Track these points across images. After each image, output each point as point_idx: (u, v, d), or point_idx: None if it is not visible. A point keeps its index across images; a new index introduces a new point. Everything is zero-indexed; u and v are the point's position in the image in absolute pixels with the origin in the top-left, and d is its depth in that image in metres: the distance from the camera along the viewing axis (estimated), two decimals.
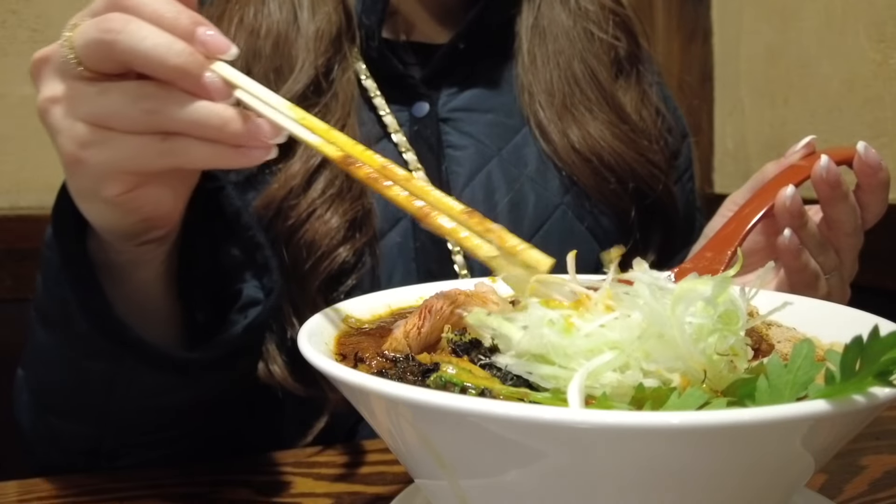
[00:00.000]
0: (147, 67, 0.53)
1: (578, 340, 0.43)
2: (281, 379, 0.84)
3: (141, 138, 0.55)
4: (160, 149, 0.55)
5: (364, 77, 0.93)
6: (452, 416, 0.37)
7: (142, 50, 0.53)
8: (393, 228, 0.89)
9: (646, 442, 0.35)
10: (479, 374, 0.45)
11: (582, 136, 0.94)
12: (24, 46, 1.60)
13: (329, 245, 0.83)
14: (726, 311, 0.44)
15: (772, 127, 1.92)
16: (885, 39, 1.60)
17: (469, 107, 0.97)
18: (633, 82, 1.02)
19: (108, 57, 0.54)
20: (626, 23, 1.03)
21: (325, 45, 0.89)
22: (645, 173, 0.96)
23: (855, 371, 0.36)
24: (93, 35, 0.53)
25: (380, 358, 0.50)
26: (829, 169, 0.70)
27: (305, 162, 0.85)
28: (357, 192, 0.86)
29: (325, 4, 0.90)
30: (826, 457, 0.43)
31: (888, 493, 0.68)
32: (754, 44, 1.98)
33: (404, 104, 0.94)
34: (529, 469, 0.38)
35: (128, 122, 0.55)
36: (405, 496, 0.60)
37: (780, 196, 0.70)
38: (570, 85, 0.96)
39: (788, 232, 0.71)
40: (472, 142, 0.95)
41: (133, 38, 0.53)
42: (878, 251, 0.84)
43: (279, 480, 0.72)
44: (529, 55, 0.98)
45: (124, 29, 0.53)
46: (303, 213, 0.84)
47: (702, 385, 0.42)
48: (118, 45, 0.53)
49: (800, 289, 0.73)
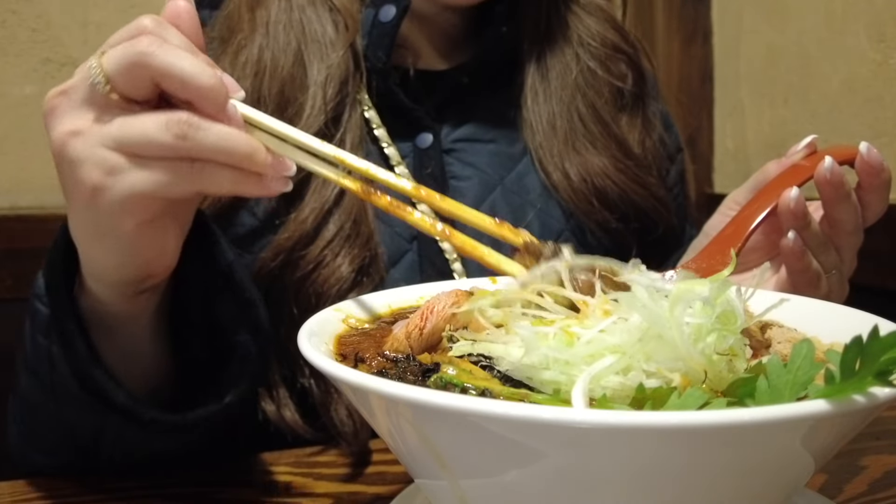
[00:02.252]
0: (181, 86, 0.54)
1: (579, 348, 0.43)
2: (292, 423, 0.84)
3: (171, 162, 0.55)
4: (188, 173, 0.56)
5: (367, 108, 0.91)
6: (452, 416, 0.37)
7: (178, 68, 0.54)
8: (396, 265, 0.89)
9: (646, 442, 0.35)
10: (479, 375, 0.45)
11: (582, 173, 0.94)
12: (24, 46, 1.60)
13: (338, 292, 0.82)
14: (724, 312, 0.45)
15: (772, 127, 1.92)
16: (885, 39, 1.60)
17: (472, 137, 0.96)
18: (637, 115, 1.01)
19: (143, 76, 0.54)
20: (630, 59, 1.02)
21: (335, 90, 0.87)
22: (650, 208, 0.96)
23: (855, 371, 0.36)
24: (128, 56, 0.54)
25: (380, 358, 0.50)
26: (833, 170, 0.70)
27: (316, 208, 0.84)
28: (366, 236, 0.85)
29: (333, 49, 0.88)
30: (826, 457, 0.43)
31: (888, 493, 0.68)
32: (754, 44, 1.98)
33: (407, 135, 0.93)
34: (529, 469, 0.38)
35: (159, 147, 0.55)
36: (405, 496, 0.60)
37: (783, 198, 0.70)
38: (572, 121, 0.96)
39: (793, 234, 0.71)
40: (476, 172, 0.94)
41: (168, 56, 0.54)
42: (878, 251, 0.84)
43: (279, 480, 0.72)
44: (532, 90, 0.97)
45: (159, 49, 0.54)
46: (312, 261, 0.83)
47: (702, 385, 0.42)
48: (155, 61, 0.54)
49: (802, 288, 0.73)
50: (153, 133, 0.54)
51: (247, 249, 0.86)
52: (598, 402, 0.39)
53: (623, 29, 1.04)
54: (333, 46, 0.88)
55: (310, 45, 0.88)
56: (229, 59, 0.88)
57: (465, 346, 0.48)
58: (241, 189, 0.58)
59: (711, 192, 2.07)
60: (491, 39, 0.95)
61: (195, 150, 0.55)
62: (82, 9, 1.63)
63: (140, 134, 0.55)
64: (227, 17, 0.92)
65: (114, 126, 0.55)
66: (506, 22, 0.94)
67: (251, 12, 0.90)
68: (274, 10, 0.89)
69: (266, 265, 0.83)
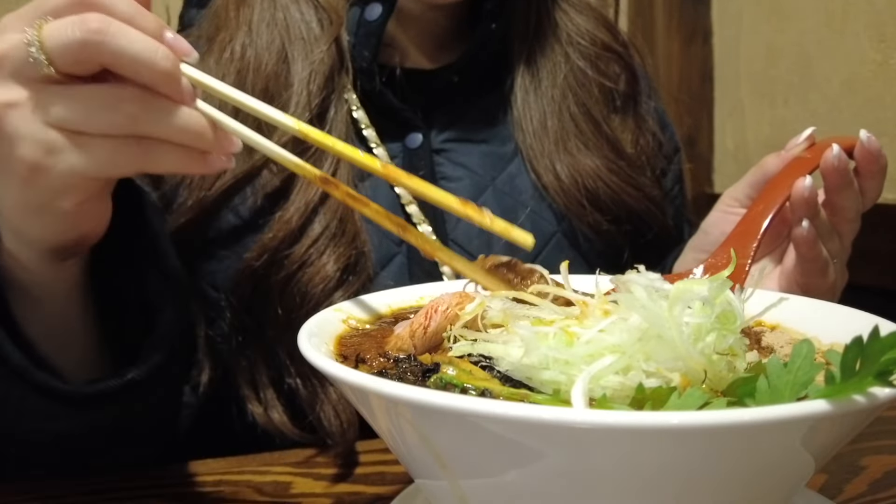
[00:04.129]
0: (132, 71, 0.52)
1: (579, 348, 0.43)
2: (280, 424, 0.82)
3: (116, 141, 0.53)
4: (134, 152, 0.54)
5: (355, 108, 0.90)
6: (452, 416, 0.37)
7: (130, 53, 0.51)
8: (386, 267, 0.88)
9: (646, 442, 0.35)
10: (479, 376, 0.45)
11: (573, 174, 0.93)
12: None
13: (324, 291, 0.81)
14: (724, 312, 0.45)
15: (772, 127, 1.92)
16: (885, 39, 1.60)
17: (462, 137, 0.95)
18: (630, 114, 1.00)
19: (91, 59, 0.51)
20: (622, 58, 1.01)
21: (319, 86, 0.86)
22: (643, 210, 0.95)
23: (855, 371, 0.36)
24: (75, 35, 0.51)
25: (381, 358, 0.50)
26: (840, 157, 0.71)
27: (301, 207, 0.82)
28: (352, 234, 0.84)
29: (317, 45, 0.87)
30: (826, 457, 0.43)
31: (888, 494, 0.68)
32: (754, 44, 1.98)
33: (396, 136, 0.92)
34: (529, 469, 0.38)
35: (106, 125, 0.52)
36: (405, 496, 0.60)
37: (797, 187, 0.72)
38: (563, 120, 0.95)
39: (806, 223, 0.72)
40: (466, 172, 0.93)
41: (120, 40, 0.51)
42: (878, 251, 0.84)
43: (279, 480, 0.72)
44: (522, 90, 0.96)
45: (108, 30, 0.51)
46: (297, 261, 0.81)
47: (702, 385, 0.42)
48: (105, 46, 0.51)
49: (813, 276, 0.74)
50: (101, 111, 0.52)
51: (230, 249, 0.85)
52: (597, 402, 0.39)
53: (614, 27, 1.04)
54: (317, 42, 0.88)
55: (294, 43, 0.88)
56: (215, 57, 0.88)
57: (465, 346, 0.48)
58: (185, 167, 0.56)
59: (711, 192, 2.07)
60: (480, 37, 0.94)
61: (147, 128, 0.53)
62: None
63: (86, 112, 0.52)
64: (213, 14, 0.91)
65: (57, 102, 0.52)
66: (495, 20, 0.93)
67: (236, 10, 0.89)
68: (258, 8, 0.89)
69: (250, 265, 0.82)
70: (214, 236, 0.85)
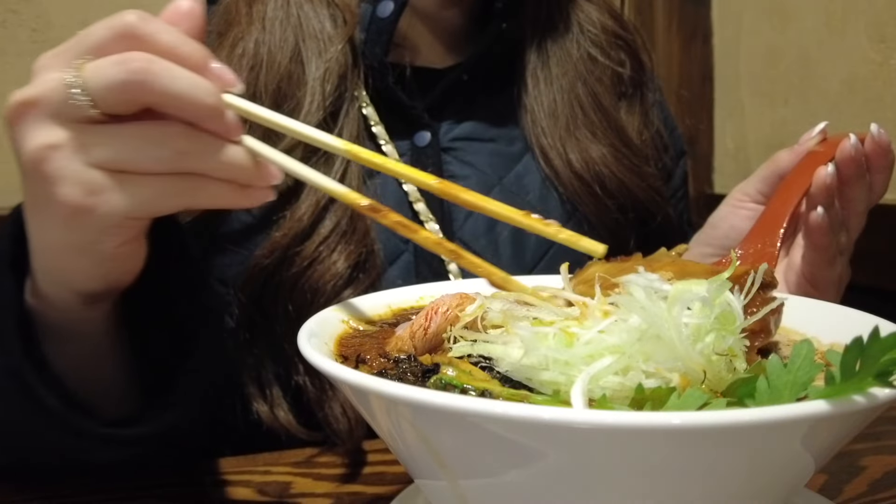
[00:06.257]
0: (177, 108, 0.51)
1: (579, 348, 0.43)
2: (285, 423, 0.82)
3: (161, 179, 0.52)
4: (178, 189, 0.53)
5: (364, 105, 0.90)
6: (452, 416, 0.37)
7: (174, 92, 0.50)
8: (393, 264, 0.88)
9: (646, 442, 0.35)
10: (479, 376, 0.45)
11: (584, 160, 0.93)
12: (24, 46, 1.60)
13: (334, 288, 0.81)
14: (723, 313, 0.45)
15: (772, 127, 1.92)
16: (886, 40, 1.60)
17: (470, 136, 0.95)
18: (636, 104, 1.01)
19: (135, 100, 0.51)
20: (629, 45, 1.02)
21: (333, 85, 0.86)
22: (647, 199, 0.96)
23: (855, 371, 0.36)
24: (118, 77, 0.50)
25: (382, 358, 0.50)
26: (857, 147, 0.72)
27: (312, 204, 0.82)
28: (362, 232, 0.84)
29: (331, 44, 0.87)
30: (826, 457, 0.43)
31: (888, 494, 0.68)
32: (754, 44, 1.98)
33: (405, 133, 0.92)
34: (529, 469, 0.38)
35: (153, 163, 0.51)
36: (405, 496, 0.60)
37: (819, 174, 0.72)
38: (573, 108, 0.95)
39: (822, 210, 0.72)
40: (474, 171, 0.94)
41: (163, 79, 0.50)
42: (878, 251, 0.84)
43: (279, 480, 0.72)
44: (532, 78, 0.97)
45: (151, 69, 0.50)
46: (307, 258, 0.81)
47: (701, 385, 0.42)
48: (149, 86, 0.50)
49: (822, 267, 0.75)
50: (148, 149, 0.51)
51: (242, 247, 0.85)
52: (597, 403, 0.39)
53: (621, 17, 1.05)
54: (331, 41, 0.87)
55: (307, 41, 0.87)
56: (225, 53, 0.87)
57: (465, 346, 0.48)
58: (228, 202, 0.55)
59: (711, 192, 2.07)
60: (490, 36, 0.94)
61: (194, 165, 0.52)
62: (82, 9, 1.63)
63: (132, 151, 0.51)
64: (224, 10, 0.91)
65: (99, 141, 0.51)
66: (506, 18, 0.94)
67: (248, 6, 0.89)
68: (271, 5, 0.88)
69: (261, 262, 0.82)
70: (225, 232, 0.85)
